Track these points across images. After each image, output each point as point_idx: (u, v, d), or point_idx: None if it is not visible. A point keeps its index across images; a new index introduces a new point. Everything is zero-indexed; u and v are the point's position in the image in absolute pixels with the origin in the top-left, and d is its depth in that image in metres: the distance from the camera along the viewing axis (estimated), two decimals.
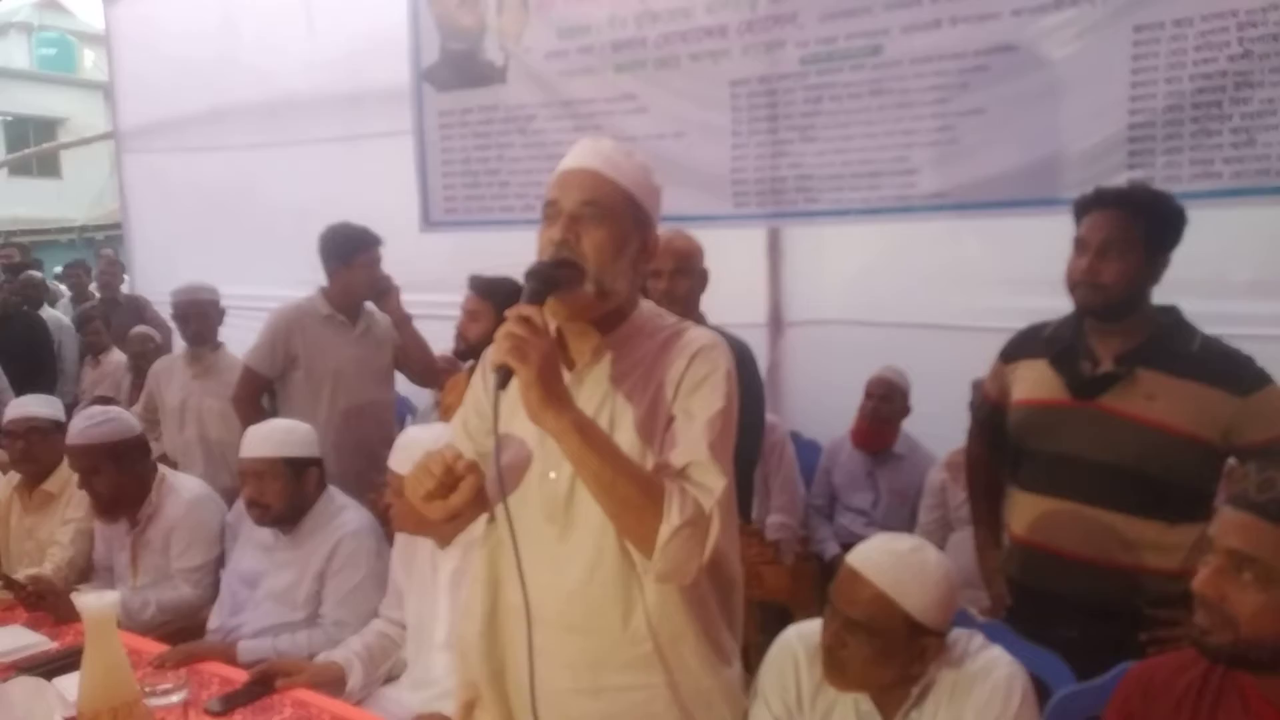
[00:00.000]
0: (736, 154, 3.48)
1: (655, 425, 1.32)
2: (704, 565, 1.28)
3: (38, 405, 2.82)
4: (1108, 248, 1.84)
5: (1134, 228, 1.83)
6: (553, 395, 1.20)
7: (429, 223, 4.26)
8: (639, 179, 1.36)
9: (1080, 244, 1.89)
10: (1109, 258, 1.83)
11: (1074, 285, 1.89)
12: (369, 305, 3.26)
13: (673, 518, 1.23)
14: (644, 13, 3.57)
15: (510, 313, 1.22)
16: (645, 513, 1.24)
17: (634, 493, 1.24)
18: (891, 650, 1.37)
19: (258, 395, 3.16)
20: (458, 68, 4.12)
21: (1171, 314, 1.89)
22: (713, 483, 1.27)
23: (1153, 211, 1.85)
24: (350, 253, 3.13)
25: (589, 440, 1.23)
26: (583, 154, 1.35)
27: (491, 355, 1.23)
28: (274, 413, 3.10)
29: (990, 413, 2.12)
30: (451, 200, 4.24)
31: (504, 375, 1.20)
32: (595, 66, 3.74)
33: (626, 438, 1.32)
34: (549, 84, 3.88)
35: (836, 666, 1.41)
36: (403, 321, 3.33)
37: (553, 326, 1.32)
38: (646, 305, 1.43)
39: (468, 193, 4.17)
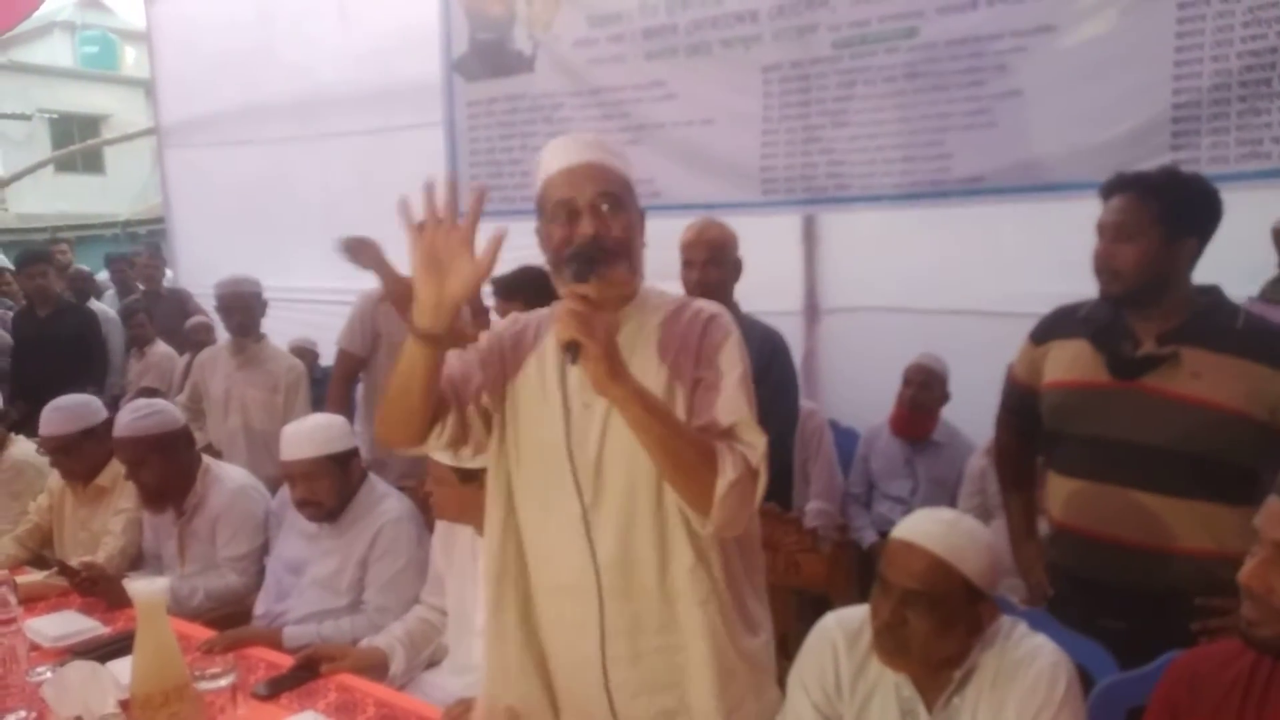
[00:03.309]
0: (767, 140, 3.45)
1: (674, 389, 1.39)
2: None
3: (59, 421, 2.67)
4: (1120, 233, 1.83)
5: (1146, 211, 1.80)
6: (617, 366, 1.25)
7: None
8: (627, 160, 1.44)
9: (1098, 230, 1.87)
10: (1121, 243, 1.82)
11: (1096, 272, 1.88)
12: None
13: (727, 473, 1.29)
14: None
15: (568, 291, 1.28)
16: (701, 470, 1.30)
17: (692, 453, 1.30)
18: (952, 619, 1.37)
19: (348, 376, 3.38)
20: (486, 58, 4.14)
21: (1212, 293, 1.85)
22: (756, 440, 1.35)
23: (1168, 193, 1.81)
24: None
25: (650, 407, 1.28)
26: (578, 150, 1.41)
27: (558, 333, 1.26)
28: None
29: (1020, 397, 2.08)
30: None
31: (575, 351, 1.23)
32: (625, 54, 3.73)
33: None
34: (577, 72, 3.88)
35: (897, 646, 1.40)
36: (478, 311, 3.40)
37: None
38: (644, 283, 1.49)
39: (493, 182, 4.19)
